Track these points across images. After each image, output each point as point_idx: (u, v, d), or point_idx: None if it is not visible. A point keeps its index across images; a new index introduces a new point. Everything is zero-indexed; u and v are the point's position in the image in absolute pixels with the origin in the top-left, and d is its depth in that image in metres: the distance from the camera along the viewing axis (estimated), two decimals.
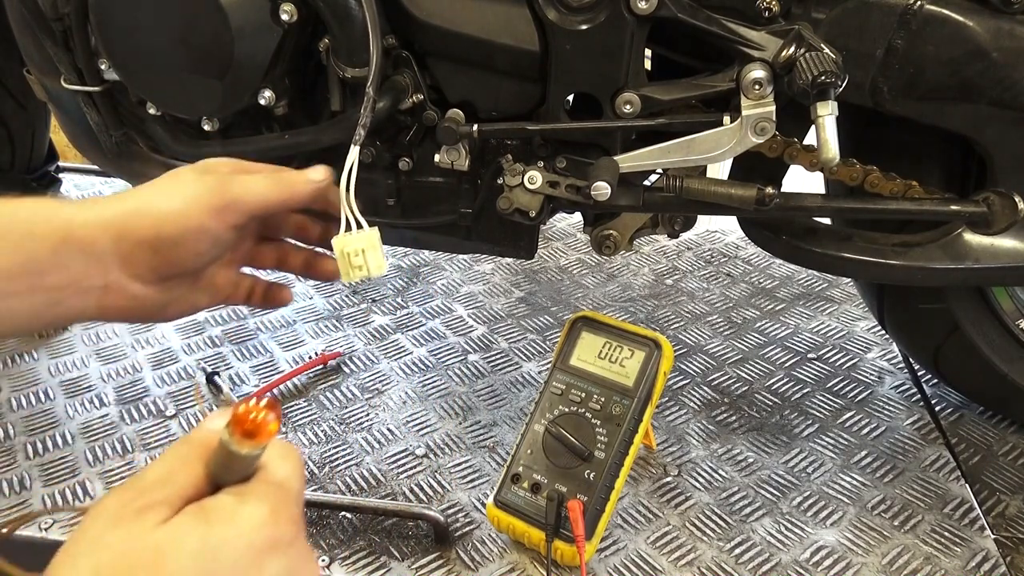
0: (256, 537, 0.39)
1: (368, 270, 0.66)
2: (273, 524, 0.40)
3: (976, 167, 0.93)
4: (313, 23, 0.87)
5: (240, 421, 0.40)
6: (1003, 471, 1.06)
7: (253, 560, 0.39)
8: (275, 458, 0.43)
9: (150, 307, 0.62)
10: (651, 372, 0.91)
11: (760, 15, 0.80)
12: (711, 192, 0.86)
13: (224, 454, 0.41)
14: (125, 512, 0.38)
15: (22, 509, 1.00)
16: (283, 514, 0.41)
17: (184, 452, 0.42)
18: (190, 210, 0.59)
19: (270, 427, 0.40)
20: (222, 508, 0.40)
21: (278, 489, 0.42)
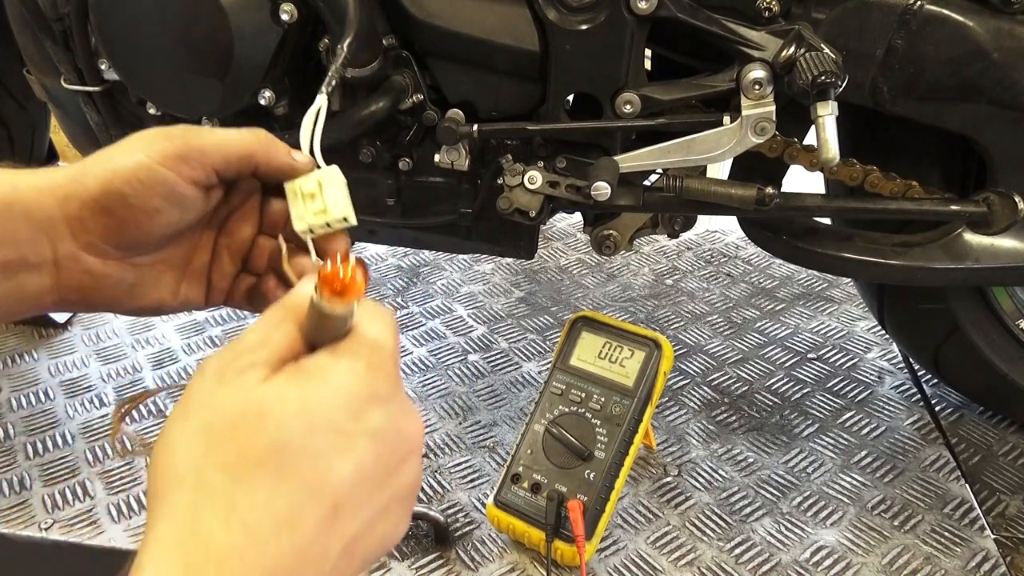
0: (354, 390, 0.41)
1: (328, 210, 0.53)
2: (370, 379, 0.41)
3: (976, 167, 0.93)
4: (313, 23, 0.87)
5: (328, 281, 0.41)
6: (1003, 471, 1.06)
7: (353, 413, 0.40)
8: (367, 319, 0.44)
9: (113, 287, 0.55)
10: (651, 372, 0.91)
11: (760, 15, 0.80)
12: (711, 192, 0.86)
13: (316, 315, 0.42)
14: (227, 372, 0.40)
15: (22, 509, 1.00)
16: (379, 370, 0.42)
17: (279, 316, 0.43)
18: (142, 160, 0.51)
19: (358, 285, 0.41)
20: (319, 366, 0.41)
21: (372, 346, 0.43)
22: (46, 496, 1.02)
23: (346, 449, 0.40)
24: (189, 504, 0.37)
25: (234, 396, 0.39)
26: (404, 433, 0.43)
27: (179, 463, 0.38)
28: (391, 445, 0.42)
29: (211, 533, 0.36)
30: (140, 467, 1.07)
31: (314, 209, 0.53)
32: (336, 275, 0.41)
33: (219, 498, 0.37)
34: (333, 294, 0.41)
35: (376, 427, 0.41)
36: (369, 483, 0.41)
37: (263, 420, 0.38)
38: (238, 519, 0.36)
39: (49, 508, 1.00)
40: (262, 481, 0.37)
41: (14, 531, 0.97)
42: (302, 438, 0.38)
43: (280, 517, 0.37)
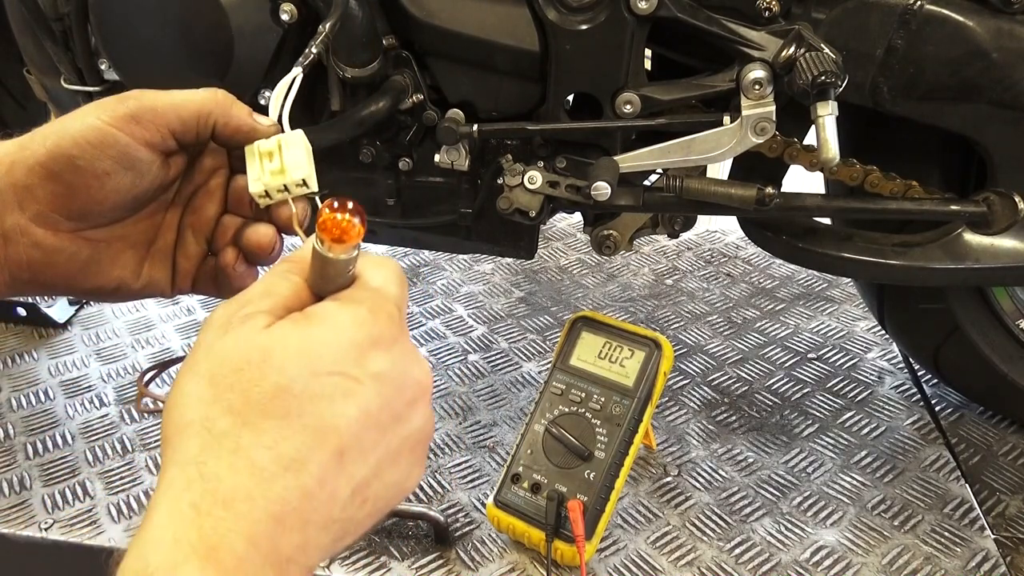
0: (356, 334, 0.41)
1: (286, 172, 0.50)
2: (372, 322, 0.41)
3: (976, 167, 0.93)
4: (313, 23, 0.87)
5: (327, 227, 0.41)
6: (1003, 471, 1.06)
7: (356, 356, 0.40)
8: (370, 267, 0.44)
9: (65, 263, 0.51)
10: (651, 372, 0.91)
11: (760, 15, 0.80)
12: (711, 192, 0.86)
13: (318, 262, 0.42)
14: (232, 321, 0.41)
15: (22, 509, 1.00)
16: (381, 314, 0.42)
17: (283, 268, 0.44)
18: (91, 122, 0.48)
19: (356, 229, 0.41)
20: (322, 311, 0.42)
21: (375, 293, 0.43)
22: (46, 496, 1.02)
23: (350, 392, 0.40)
24: (197, 447, 0.37)
25: (237, 342, 0.40)
26: (410, 377, 0.43)
27: (187, 409, 0.39)
28: (396, 389, 0.42)
29: (218, 475, 0.36)
30: (140, 467, 1.07)
31: (271, 168, 0.51)
32: (334, 220, 0.41)
33: (225, 441, 0.37)
34: (333, 240, 0.41)
35: (380, 370, 0.41)
36: (376, 427, 0.41)
37: (266, 364, 0.39)
38: (244, 460, 0.37)
39: (49, 508, 1.00)
40: (267, 423, 0.38)
41: (14, 531, 0.97)
42: (305, 381, 0.39)
43: (286, 459, 0.37)
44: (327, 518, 0.39)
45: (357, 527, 0.41)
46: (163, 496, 0.36)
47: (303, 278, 0.44)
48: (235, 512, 0.36)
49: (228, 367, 0.39)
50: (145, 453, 1.09)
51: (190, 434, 0.38)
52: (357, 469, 0.40)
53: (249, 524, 0.36)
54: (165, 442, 0.39)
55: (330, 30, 0.71)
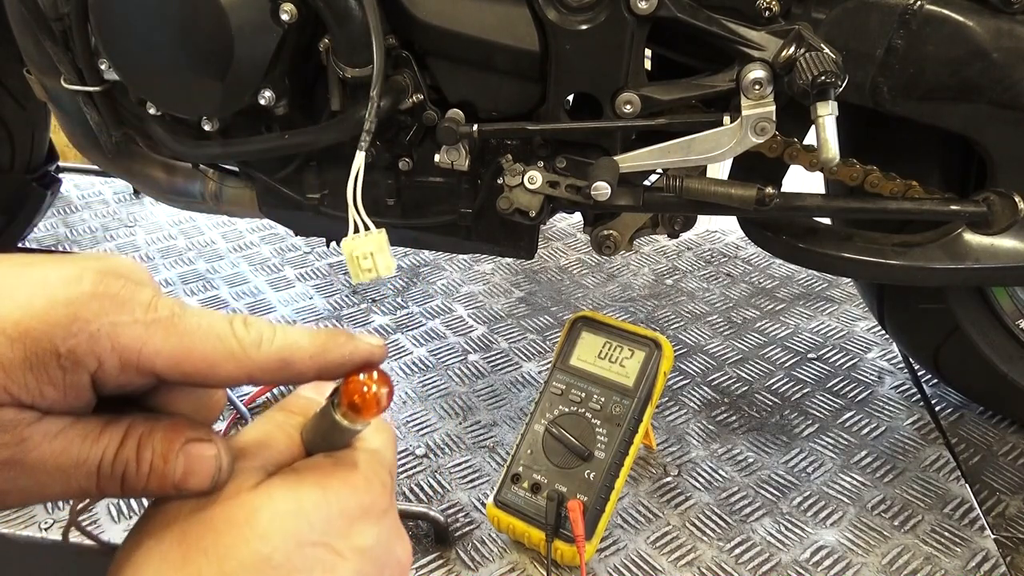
0: (349, 502, 0.37)
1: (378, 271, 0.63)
2: (366, 491, 0.38)
3: (976, 167, 0.93)
4: (313, 23, 0.87)
5: (352, 393, 0.37)
6: (1003, 471, 1.06)
7: (343, 527, 0.37)
8: (369, 429, 0.41)
9: None
10: (651, 372, 0.91)
11: (760, 15, 0.80)
12: (711, 192, 0.86)
13: (326, 425, 0.39)
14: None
15: (22, 509, 1.00)
16: (376, 481, 0.39)
17: (280, 418, 0.41)
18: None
19: (382, 403, 0.37)
20: (315, 471, 0.38)
21: (372, 457, 0.40)
22: None
23: (331, 568, 0.36)
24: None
25: (219, 500, 0.35)
26: (392, 556, 0.40)
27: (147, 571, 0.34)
28: (378, 567, 0.38)
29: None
30: None
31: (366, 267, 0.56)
32: (361, 388, 0.37)
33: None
34: (352, 408, 0.37)
35: (365, 545, 0.38)
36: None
37: (248, 528, 0.35)
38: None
39: (49, 508, 1.00)
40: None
41: (14, 531, 0.97)
42: (287, 552, 0.35)
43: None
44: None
45: None
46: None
47: (299, 431, 0.40)
48: None
49: (205, 527, 0.35)
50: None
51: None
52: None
53: None
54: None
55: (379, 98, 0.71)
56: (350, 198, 0.64)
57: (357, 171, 0.61)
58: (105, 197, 1.82)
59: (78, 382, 0.33)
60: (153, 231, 1.68)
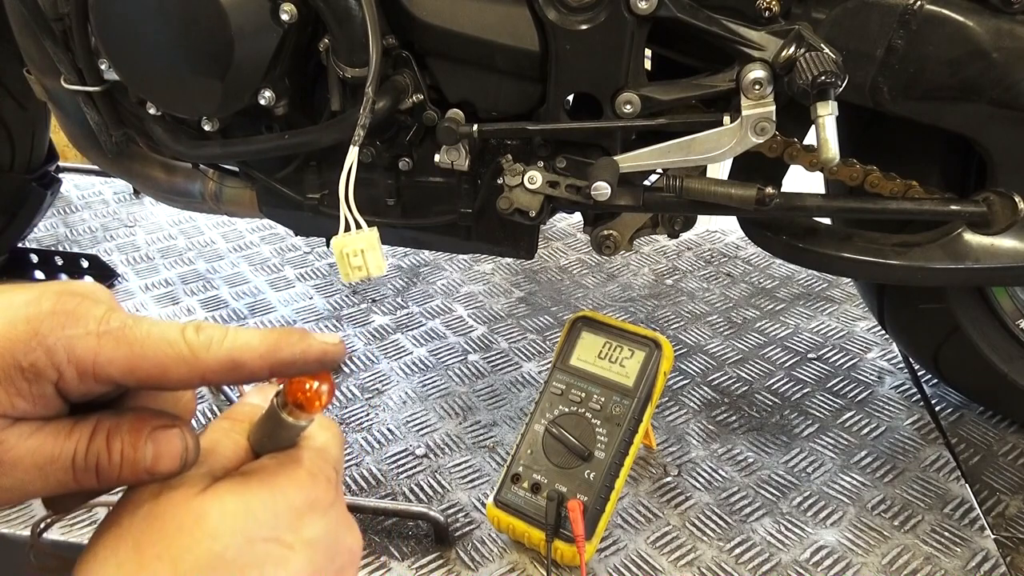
0: (295, 497, 0.39)
1: (368, 270, 0.59)
2: (311, 485, 0.40)
3: (976, 167, 0.93)
4: (313, 23, 0.87)
5: (295, 391, 0.39)
6: (1003, 471, 1.06)
7: (291, 521, 0.39)
8: (314, 427, 0.43)
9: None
10: (651, 372, 0.91)
11: (760, 15, 0.80)
12: (711, 192, 0.86)
13: (272, 424, 0.41)
14: (167, 482, 0.38)
15: (22, 509, 1.00)
16: (320, 476, 0.41)
17: (226, 426, 0.42)
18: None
19: (323, 398, 0.40)
20: (261, 471, 0.40)
21: (317, 454, 0.41)
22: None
23: (283, 561, 0.38)
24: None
25: (170, 505, 0.37)
26: (342, 544, 0.41)
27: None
28: (328, 557, 0.40)
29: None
30: None
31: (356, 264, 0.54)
32: (303, 386, 0.39)
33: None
34: (296, 406, 0.39)
35: (314, 537, 0.39)
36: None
37: (199, 529, 0.36)
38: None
39: None
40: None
41: (14, 531, 0.97)
42: (239, 548, 0.36)
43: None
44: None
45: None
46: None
47: (245, 437, 0.42)
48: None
49: (158, 533, 0.36)
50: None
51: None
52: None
53: None
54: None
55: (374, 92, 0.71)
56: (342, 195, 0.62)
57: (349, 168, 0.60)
58: (105, 197, 1.82)
59: (43, 392, 0.36)
60: (153, 231, 1.68)
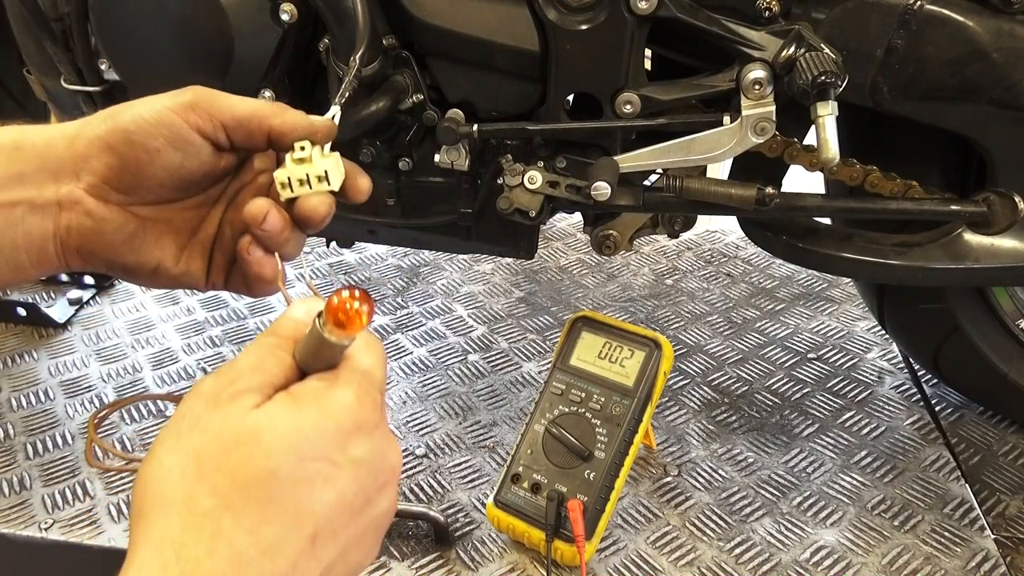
0: (343, 419, 0.41)
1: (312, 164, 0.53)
2: (359, 408, 0.42)
3: (976, 167, 0.93)
4: (313, 23, 0.87)
5: (335, 311, 0.41)
6: (1003, 471, 1.06)
7: (340, 441, 0.41)
8: (360, 348, 0.44)
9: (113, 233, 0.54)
10: (651, 372, 0.91)
11: (760, 15, 0.80)
12: (711, 192, 0.86)
13: (315, 342, 0.42)
14: (221, 397, 0.41)
15: (22, 509, 1.00)
16: (367, 399, 0.43)
17: (272, 342, 0.44)
18: (152, 103, 0.52)
19: (363, 317, 0.41)
20: (311, 393, 0.42)
21: (363, 376, 0.43)
22: (46, 496, 1.02)
23: (331, 478, 0.40)
24: (178, 527, 0.37)
25: (227, 421, 0.40)
26: (386, 463, 0.44)
27: (168, 485, 0.38)
28: (372, 474, 0.43)
29: (197, 558, 0.36)
30: None
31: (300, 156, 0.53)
32: (343, 306, 0.41)
33: (207, 523, 0.37)
34: (337, 324, 0.41)
35: (361, 456, 0.42)
36: (349, 511, 0.42)
37: (255, 447, 0.39)
38: (224, 545, 0.37)
39: (49, 508, 1.00)
40: (250, 508, 0.38)
41: (14, 531, 0.97)
42: (292, 467, 0.39)
43: (264, 544, 0.38)
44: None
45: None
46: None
47: (291, 354, 0.44)
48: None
49: (216, 446, 0.39)
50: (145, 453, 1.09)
51: (170, 512, 0.38)
52: (327, 552, 0.41)
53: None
54: (138, 515, 0.39)
55: (360, 61, 0.70)
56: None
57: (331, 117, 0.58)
58: None
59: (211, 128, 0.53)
60: None
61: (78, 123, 0.53)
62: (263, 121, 0.53)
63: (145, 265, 0.56)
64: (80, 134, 0.53)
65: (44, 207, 0.53)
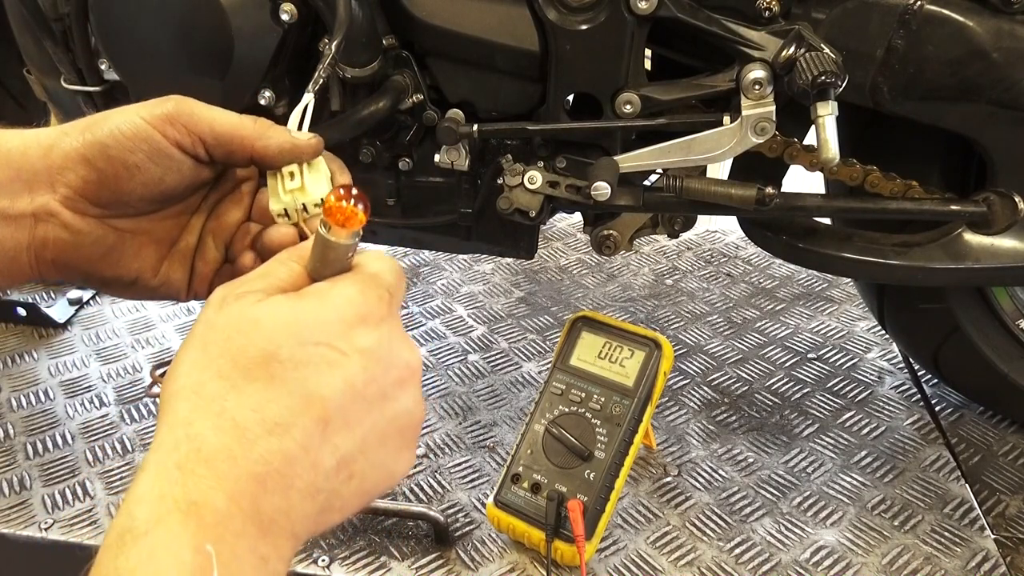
0: (345, 310, 0.43)
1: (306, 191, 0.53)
2: (361, 301, 0.43)
3: (976, 167, 0.93)
4: (313, 23, 0.87)
5: (332, 212, 0.43)
6: (1003, 471, 1.06)
7: (342, 330, 0.42)
8: (368, 258, 0.46)
9: (90, 247, 0.53)
10: (651, 372, 0.91)
11: (760, 15, 0.80)
12: (711, 192, 0.86)
13: (320, 245, 0.44)
14: (227, 298, 0.43)
15: (22, 509, 1.00)
16: (371, 294, 0.44)
17: (283, 255, 0.47)
18: (130, 116, 0.51)
19: (360, 215, 0.43)
20: (314, 289, 0.44)
21: (369, 276, 0.45)
22: (46, 496, 1.02)
23: (335, 363, 0.41)
24: (186, 410, 0.39)
25: (230, 314, 0.42)
26: (398, 357, 0.44)
27: (180, 376, 0.41)
28: (383, 366, 0.43)
29: (203, 435, 0.38)
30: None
31: (292, 187, 0.53)
32: (339, 206, 0.43)
33: (212, 404, 0.39)
34: (336, 223, 0.43)
35: (366, 346, 0.42)
36: (361, 400, 0.42)
37: (255, 332, 0.41)
38: (228, 422, 0.38)
39: (49, 508, 1.00)
40: (253, 386, 0.40)
41: (14, 531, 0.97)
42: (291, 349, 0.40)
43: (269, 422, 0.39)
44: (310, 486, 0.40)
45: (344, 503, 0.42)
46: (152, 456, 0.38)
47: (302, 265, 0.45)
48: (217, 471, 0.37)
49: (220, 335, 0.41)
50: (145, 453, 1.09)
51: (181, 398, 0.40)
52: (342, 440, 0.41)
53: (231, 483, 0.37)
54: (160, 407, 0.41)
55: (336, 49, 0.70)
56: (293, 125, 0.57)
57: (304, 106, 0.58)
58: None
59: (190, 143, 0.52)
60: None
61: (55, 131, 0.52)
62: (245, 141, 0.53)
63: (124, 277, 0.56)
64: (56, 145, 0.51)
65: (17, 218, 0.51)
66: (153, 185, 0.53)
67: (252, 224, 0.58)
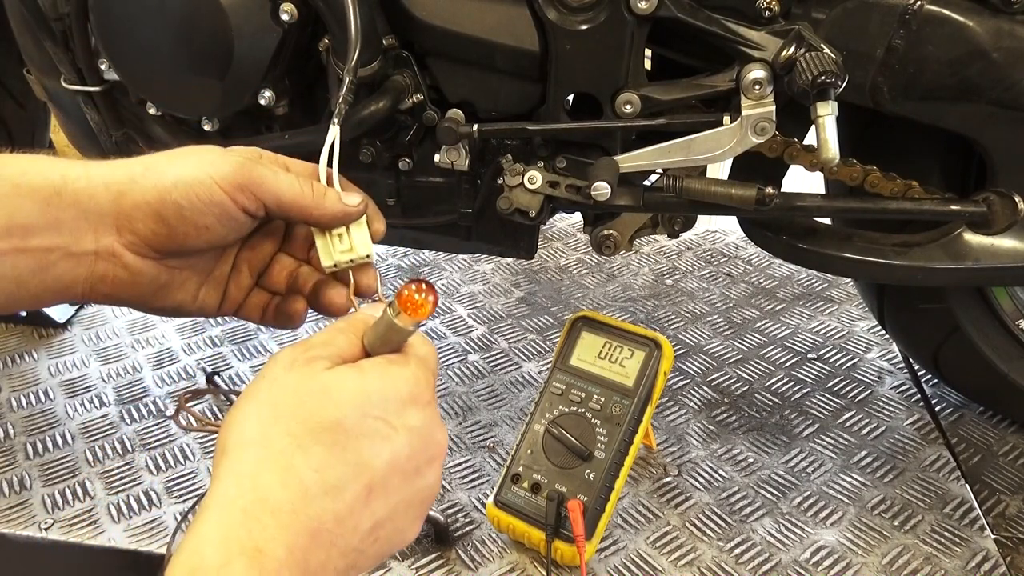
0: (402, 389, 0.48)
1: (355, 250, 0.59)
2: (415, 383, 0.48)
3: (976, 167, 0.93)
4: (313, 23, 0.87)
5: (405, 301, 0.48)
6: (1003, 471, 1.06)
7: (398, 407, 0.47)
8: (418, 341, 0.52)
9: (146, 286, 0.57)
10: (651, 372, 0.91)
11: (760, 15, 0.80)
12: (711, 192, 0.86)
13: (384, 327, 0.49)
14: (296, 361, 0.47)
15: (22, 509, 1.00)
16: (422, 378, 0.49)
17: (343, 326, 0.51)
18: (203, 178, 0.54)
19: (429, 307, 0.48)
20: (376, 365, 0.48)
21: (421, 360, 0.50)
22: (46, 496, 1.02)
23: (388, 438, 0.46)
24: (254, 461, 0.43)
25: (301, 378, 0.46)
26: (434, 437, 0.49)
27: (248, 427, 0.44)
28: (422, 444, 0.48)
29: (270, 487, 0.42)
30: (140, 467, 1.07)
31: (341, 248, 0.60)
32: (412, 298, 0.48)
33: (281, 458, 0.43)
34: (406, 312, 0.48)
35: (414, 425, 0.47)
36: (400, 474, 0.46)
37: (326, 398, 0.45)
38: (295, 479, 0.42)
39: (49, 508, 1.00)
40: (318, 449, 0.44)
41: (14, 531, 0.97)
42: (356, 420, 0.45)
43: (327, 484, 0.43)
44: (347, 545, 0.44)
45: (365, 562, 0.46)
46: (216, 501, 0.42)
47: (359, 337, 0.50)
48: (280, 522, 0.41)
49: (292, 397, 0.45)
50: (145, 453, 1.09)
51: (249, 449, 0.43)
52: (379, 507, 0.45)
53: (291, 535, 0.41)
54: (221, 453, 0.44)
55: (353, 74, 0.71)
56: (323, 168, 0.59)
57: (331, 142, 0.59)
58: None
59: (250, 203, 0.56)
60: None
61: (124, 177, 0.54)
62: (304, 210, 0.57)
63: (168, 307, 0.60)
64: (127, 193, 0.54)
65: (80, 256, 0.54)
66: (217, 241, 0.57)
67: (284, 256, 0.64)
